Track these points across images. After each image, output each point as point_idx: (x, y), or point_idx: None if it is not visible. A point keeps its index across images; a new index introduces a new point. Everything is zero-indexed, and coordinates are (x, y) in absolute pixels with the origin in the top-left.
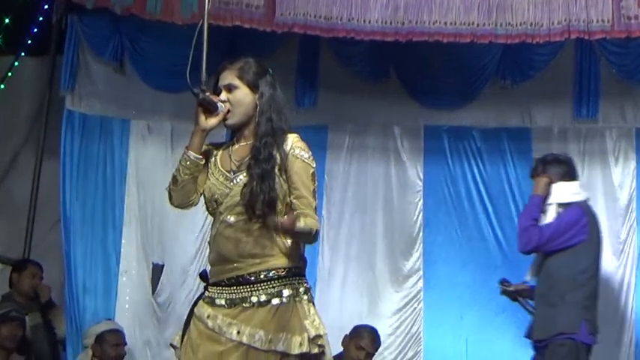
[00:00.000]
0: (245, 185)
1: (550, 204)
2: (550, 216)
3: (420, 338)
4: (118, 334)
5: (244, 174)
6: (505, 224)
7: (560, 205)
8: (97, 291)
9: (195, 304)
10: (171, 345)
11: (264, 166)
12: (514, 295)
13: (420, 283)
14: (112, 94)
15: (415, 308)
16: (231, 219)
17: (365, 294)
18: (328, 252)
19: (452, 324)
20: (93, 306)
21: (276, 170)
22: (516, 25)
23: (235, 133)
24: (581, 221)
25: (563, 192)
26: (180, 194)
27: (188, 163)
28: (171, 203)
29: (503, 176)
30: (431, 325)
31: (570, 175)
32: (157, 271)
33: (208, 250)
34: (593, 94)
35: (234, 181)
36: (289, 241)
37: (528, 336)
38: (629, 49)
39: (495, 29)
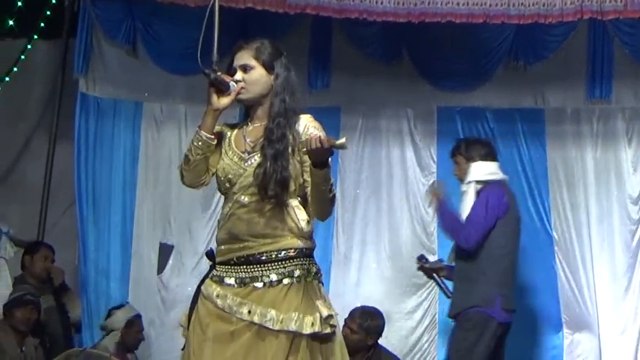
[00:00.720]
0: (259, 165)
1: (469, 182)
2: (470, 194)
3: (435, 321)
4: (141, 319)
5: (258, 155)
6: (519, 204)
7: (478, 182)
8: (112, 273)
9: (202, 282)
10: (181, 325)
11: (277, 146)
12: (430, 272)
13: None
14: (125, 77)
15: (431, 291)
16: (245, 199)
17: (381, 278)
18: (343, 236)
19: None
20: (107, 288)
21: (290, 151)
22: (529, 5)
23: (249, 113)
24: (502, 199)
25: (482, 170)
26: (192, 174)
27: (200, 143)
28: (183, 182)
29: (516, 157)
30: (446, 308)
31: (491, 155)
32: (166, 250)
33: (218, 228)
34: (606, 75)
35: (249, 162)
36: (302, 223)
37: (449, 315)
38: None
39: (508, 9)
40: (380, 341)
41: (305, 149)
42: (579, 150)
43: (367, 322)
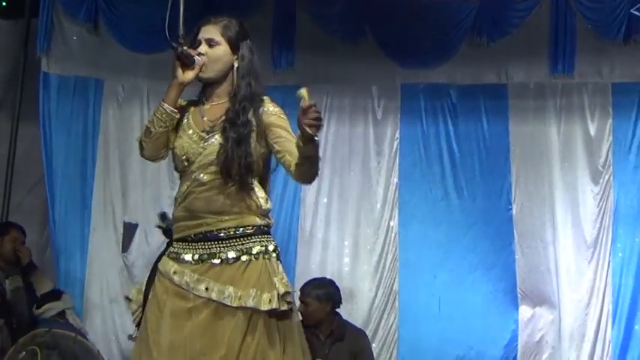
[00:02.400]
0: (220, 147)
1: None
2: None
3: (396, 298)
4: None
5: (219, 134)
6: (478, 183)
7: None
8: (75, 250)
9: (159, 259)
10: (126, 297)
11: (241, 130)
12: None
13: (396, 243)
14: (87, 55)
15: (392, 268)
16: (204, 177)
17: (345, 255)
18: (309, 214)
19: (426, 283)
20: (70, 264)
21: (253, 135)
22: None
23: (205, 91)
24: None
25: None
26: (153, 146)
27: (164, 115)
28: (142, 155)
29: (479, 133)
30: (406, 284)
31: None
32: (130, 229)
33: (175, 206)
34: (569, 50)
35: (209, 141)
36: (260, 200)
37: None
38: (604, 4)
39: None
40: (345, 318)
41: (305, 123)
42: (542, 125)
43: (318, 291)
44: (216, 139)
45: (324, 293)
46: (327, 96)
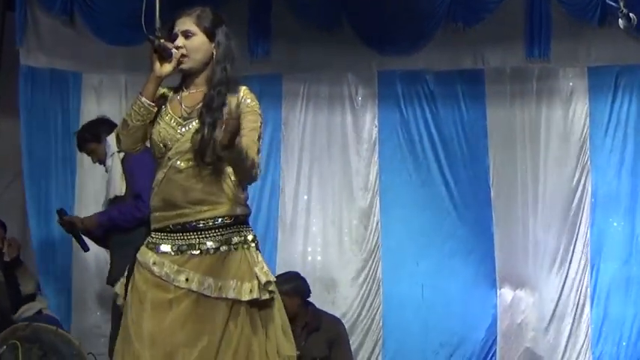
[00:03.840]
0: (196, 132)
1: (112, 154)
2: (116, 163)
3: (380, 287)
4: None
5: (196, 121)
6: (458, 168)
7: (119, 151)
8: (57, 244)
9: (138, 250)
10: (115, 293)
11: (216, 114)
12: (69, 226)
13: (379, 231)
14: (64, 48)
15: (375, 256)
16: (181, 165)
17: (327, 244)
18: (289, 203)
19: (409, 270)
20: (52, 259)
21: None
22: None
23: (185, 79)
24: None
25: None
26: (130, 139)
27: (141, 109)
28: (119, 147)
29: (457, 119)
30: (389, 272)
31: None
32: None
33: (152, 194)
34: (544, 34)
35: (186, 127)
36: (237, 189)
37: (109, 282)
38: None
39: None
40: (327, 308)
41: (226, 130)
42: (519, 109)
43: (285, 286)
44: (193, 125)
45: (291, 288)
46: (304, 84)
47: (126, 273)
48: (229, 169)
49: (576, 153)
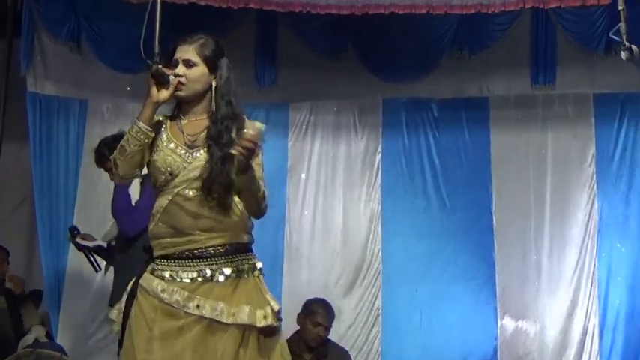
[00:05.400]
0: (205, 164)
1: None
2: (136, 189)
3: (380, 312)
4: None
5: (203, 150)
6: (459, 194)
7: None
8: (62, 269)
9: (140, 276)
10: (110, 319)
11: (225, 150)
12: (80, 245)
13: (380, 258)
14: (70, 75)
15: (375, 282)
16: (190, 193)
17: (331, 272)
18: (294, 231)
19: (408, 296)
20: (58, 284)
21: None
22: None
23: (181, 106)
24: None
25: None
26: (128, 165)
27: (139, 134)
28: (116, 173)
29: (460, 145)
30: (389, 298)
31: None
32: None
33: (153, 221)
34: (550, 61)
35: (193, 156)
36: (245, 216)
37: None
38: (584, 16)
39: (451, 0)
40: (333, 333)
41: (239, 152)
42: (524, 136)
43: (331, 314)
44: (201, 154)
45: (330, 318)
46: (309, 112)
47: (124, 299)
48: (236, 198)
49: (582, 179)
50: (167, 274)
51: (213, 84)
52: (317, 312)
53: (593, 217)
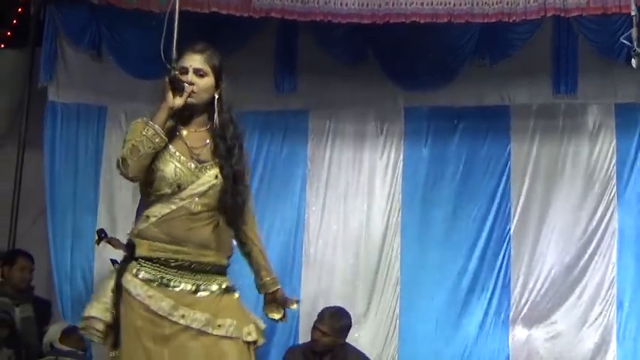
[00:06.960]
0: (217, 181)
1: None
2: None
3: (397, 321)
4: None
5: (211, 165)
6: (478, 203)
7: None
8: (79, 278)
9: (120, 274)
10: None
11: (236, 168)
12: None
13: (398, 266)
14: (90, 82)
15: (394, 291)
16: (196, 208)
17: (351, 280)
18: (312, 239)
19: (424, 305)
20: (75, 292)
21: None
22: (493, 4)
23: (181, 116)
24: None
25: None
26: (139, 166)
27: (155, 137)
28: (125, 173)
29: (482, 155)
30: (406, 307)
31: None
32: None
33: (146, 223)
34: (571, 70)
35: (202, 171)
36: (232, 243)
37: None
38: (606, 25)
39: (472, 9)
40: (351, 341)
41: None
42: (545, 145)
43: (338, 324)
44: (211, 172)
45: (344, 326)
46: (330, 120)
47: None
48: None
49: (602, 189)
50: (153, 280)
51: (216, 95)
52: (318, 316)
53: (613, 227)
